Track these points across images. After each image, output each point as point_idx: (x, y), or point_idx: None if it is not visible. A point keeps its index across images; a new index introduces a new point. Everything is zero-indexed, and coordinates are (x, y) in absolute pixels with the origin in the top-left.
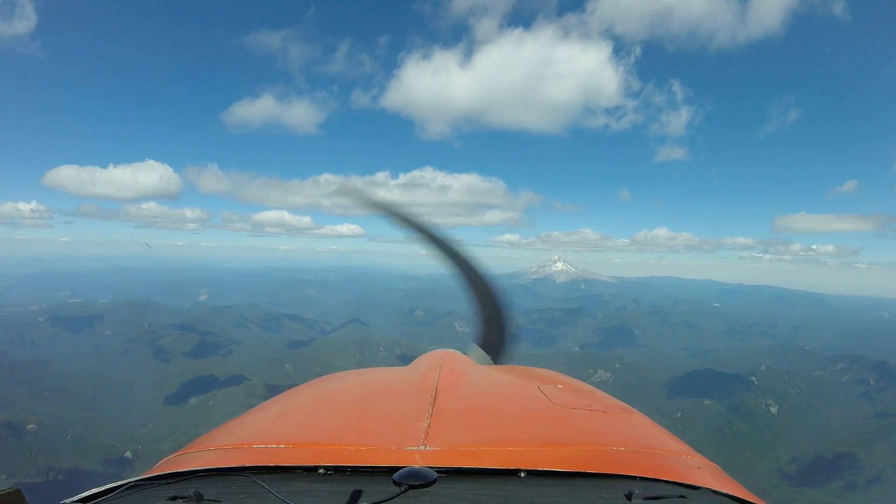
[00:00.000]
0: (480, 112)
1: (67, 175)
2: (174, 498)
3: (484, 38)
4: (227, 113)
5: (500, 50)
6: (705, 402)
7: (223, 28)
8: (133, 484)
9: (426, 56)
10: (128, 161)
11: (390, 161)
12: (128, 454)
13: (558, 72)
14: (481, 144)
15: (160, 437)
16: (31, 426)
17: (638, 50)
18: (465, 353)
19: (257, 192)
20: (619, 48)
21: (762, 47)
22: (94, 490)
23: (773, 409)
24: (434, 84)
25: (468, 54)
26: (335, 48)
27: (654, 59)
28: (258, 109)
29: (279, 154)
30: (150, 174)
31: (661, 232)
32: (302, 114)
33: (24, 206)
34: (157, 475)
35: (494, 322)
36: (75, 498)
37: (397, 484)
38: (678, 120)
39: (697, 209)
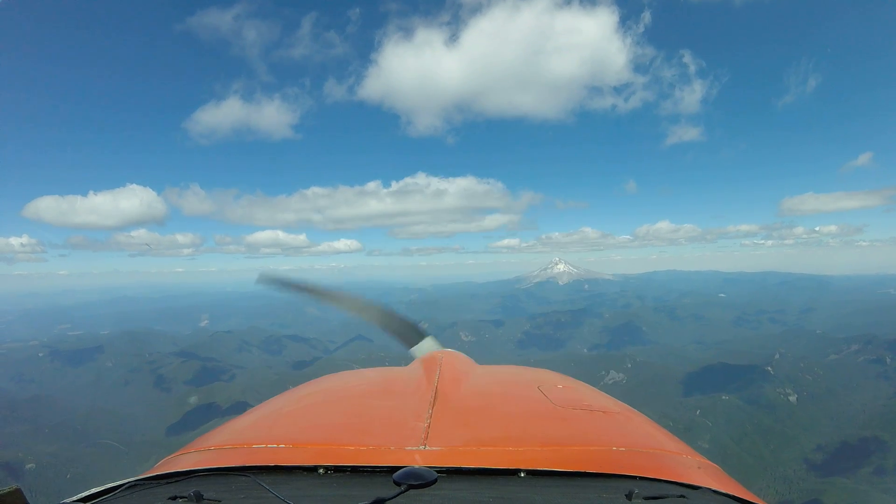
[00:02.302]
0: (473, 98)
1: (49, 206)
2: (174, 498)
3: (473, 6)
4: (191, 121)
5: (492, 21)
6: (723, 396)
7: (167, 14)
8: (133, 484)
9: (406, 33)
10: (108, 187)
11: (378, 164)
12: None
13: (560, 44)
14: (476, 138)
15: None
16: (31, 465)
17: (648, 17)
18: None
19: (243, 211)
20: (628, 15)
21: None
22: (94, 490)
23: (793, 398)
24: (418, 68)
25: (455, 26)
26: (297, 24)
27: (667, 24)
28: (225, 114)
29: (258, 166)
30: (132, 199)
31: (664, 225)
32: (273, 115)
33: (15, 241)
34: (157, 475)
35: (396, 323)
36: (75, 498)
37: (397, 484)
38: (691, 96)
39: (702, 198)
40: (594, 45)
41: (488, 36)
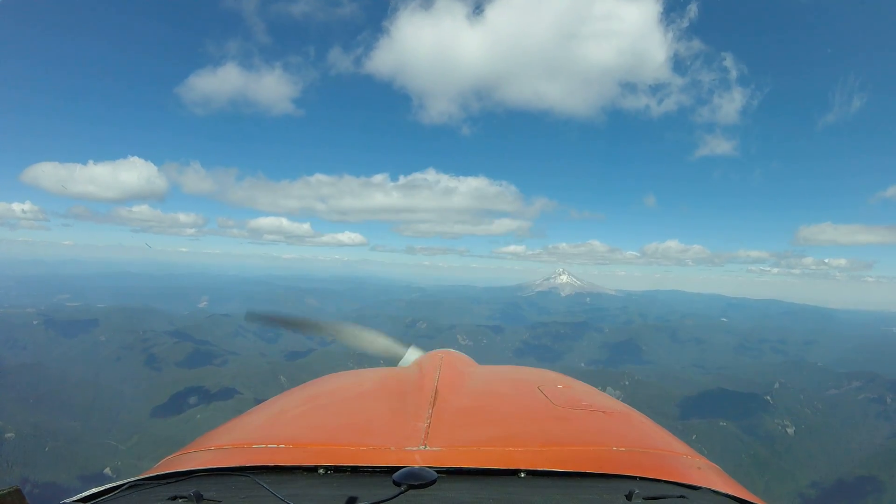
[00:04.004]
0: (494, 84)
1: (48, 172)
2: (174, 498)
3: None
4: (185, 87)
5: None
6: (721, 423)
7: None
8: (133, 484)
9: (425, 2)
10: (108, 158)
11: (386, 152)
12: (107, 470)
13: (596, 30)
14: (494, 131)
15: (143, 452)
16: (10, 435)
17: (694, 9)
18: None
19: (245, 194)
20: (673, 5)
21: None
22: (94, 490)
23: (790, 430)
24: (436, 42)
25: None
26: None
27: (713, 21)
28: (221, 81)
29: (258, 144)
30: (132, 172)
31: (673, 244)
32: (272, 85)
33: (17, 207)
34: (157, 475)
35: (383, 342)
36: (75, 498)
37: (397, 484)
38: (729, 105)
39: (717, 219)
40: (634, 34)
41: (517, 11)
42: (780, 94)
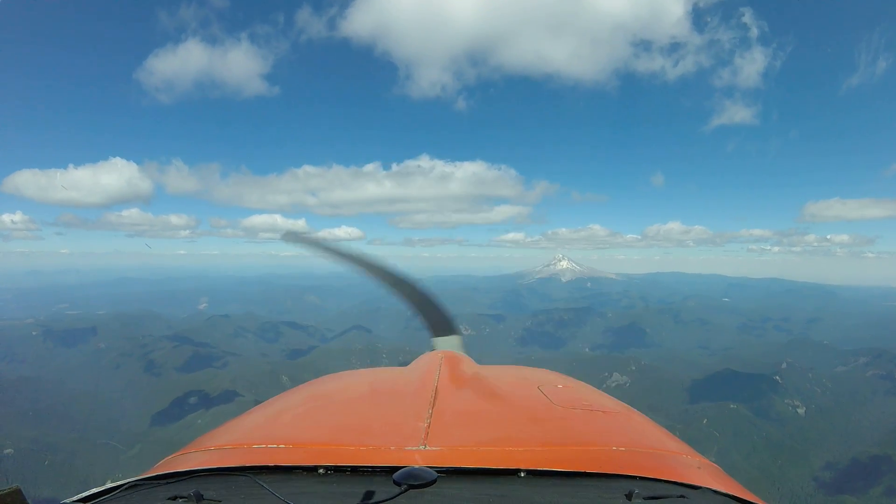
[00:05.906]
0: (491, 46)
1: (30, 180)
2: (174, 498)
3: None
4: (144, 70)
5: None
6: (731, 405)
7: None
8: (133, 484)
9: None
10: (90, 161)
11: (375, 133)
12: (108, 483)
13: None
14: (492, 103)
15: (146, 461)
16: (9, 451)
17: None
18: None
19: (232, 191)
20: None
21: None
22: (94, 490)
23: (801, 411)
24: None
25: None
26: None
27: None
28: (182, 61)
29: (235, 133)
30: (112, 174)
31: (674, 226)
32: (239, 61)
33: (7, 217)
34: (157, 475)
35: (431, 308)
36: (75, 498)
37: (397, 484)
38: (750, 66)
39: (722, 199)
40: None
41: None
42: (797, 61)
